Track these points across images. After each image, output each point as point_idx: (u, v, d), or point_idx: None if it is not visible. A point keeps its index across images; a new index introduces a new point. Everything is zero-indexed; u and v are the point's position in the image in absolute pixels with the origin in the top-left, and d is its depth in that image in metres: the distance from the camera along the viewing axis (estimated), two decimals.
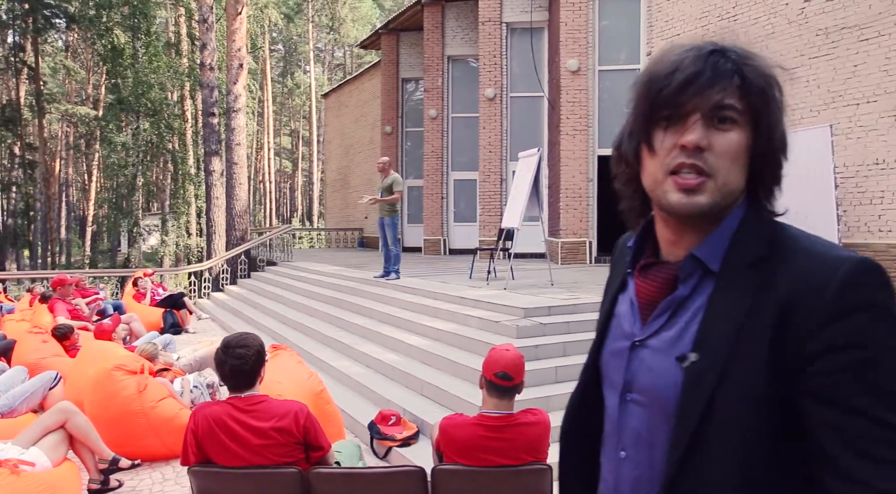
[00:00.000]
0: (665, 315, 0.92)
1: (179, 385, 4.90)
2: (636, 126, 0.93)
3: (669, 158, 0.87)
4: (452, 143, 16.17)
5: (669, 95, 0.86)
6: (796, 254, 0.83)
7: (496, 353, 2.58)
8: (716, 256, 0.88)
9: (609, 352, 1.02)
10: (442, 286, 8.06)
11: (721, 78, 0.84)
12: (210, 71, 15.55)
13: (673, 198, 0.87)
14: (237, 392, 2.58)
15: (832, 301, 0.77)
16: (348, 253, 18.00)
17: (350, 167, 22.98)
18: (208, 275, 13.62)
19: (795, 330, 0.78)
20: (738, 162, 0.86)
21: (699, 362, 0.84)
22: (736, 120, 0.85)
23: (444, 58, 15.93)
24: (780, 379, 0.79)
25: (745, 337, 0.82)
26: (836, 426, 0.75)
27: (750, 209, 0.91)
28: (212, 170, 15.26)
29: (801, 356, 0.78)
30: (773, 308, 0.80)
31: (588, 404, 1.09)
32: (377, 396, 5.51)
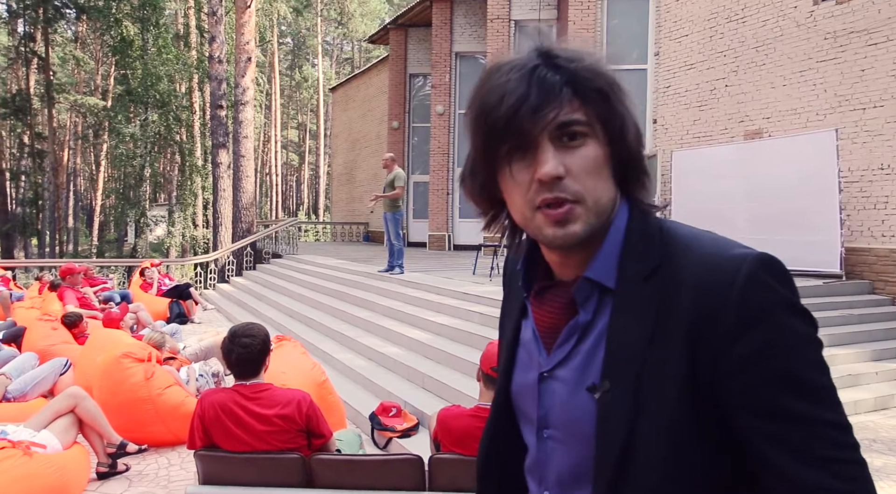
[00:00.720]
0: (569, 342, 0.84)
1: (185, 373, 5.01)
2: (479, 164, 0.83)
3: (531, 194, 0.78)
4: (459, 140, 16.22)
5: (503, 127, 0.76)
6: (691, 261, 0.76)
7: (494, 347, 2.65)
8: (609, 272, 0.81)
9: (519, 385, 0.93)
10: (445, 281, 8.14)
11: (550, 94, 0.76)
12: (219, 63, 15.64)
13: (548, 233, 0.79)
14: (242, 380, 2.67)
15: (736, 312, 0.72)
16: (353, 247, 18.10)
17: (356, 161, 23.07)
18: (214, 267, 13.75)
19: (707, 347, 0.73)
20: (602, 175, 0.79)
21: (611, 391, 0.77)
22: (585, 133, 0.77)
23: (452, 54, 15.98)
24: (702, 399, 0.74)
25: (655, 358, 0.75)
26: (778, 438, 0.71)
27: (632, 211, 0.83)
28: (219, 162, 15.37)
29: (720, 372, 0.73)
30: (679, 325, 0.74)
31: (502, 440, 0.99)
32: (378, 388, 5.61)
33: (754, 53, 10.08)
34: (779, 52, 9.68)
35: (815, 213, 8.40)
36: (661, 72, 11.79)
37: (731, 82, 10.42)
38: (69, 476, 3.54)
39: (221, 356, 6.15)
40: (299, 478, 2.59)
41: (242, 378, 2.68)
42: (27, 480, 3.28)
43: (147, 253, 24.83)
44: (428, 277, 8.63)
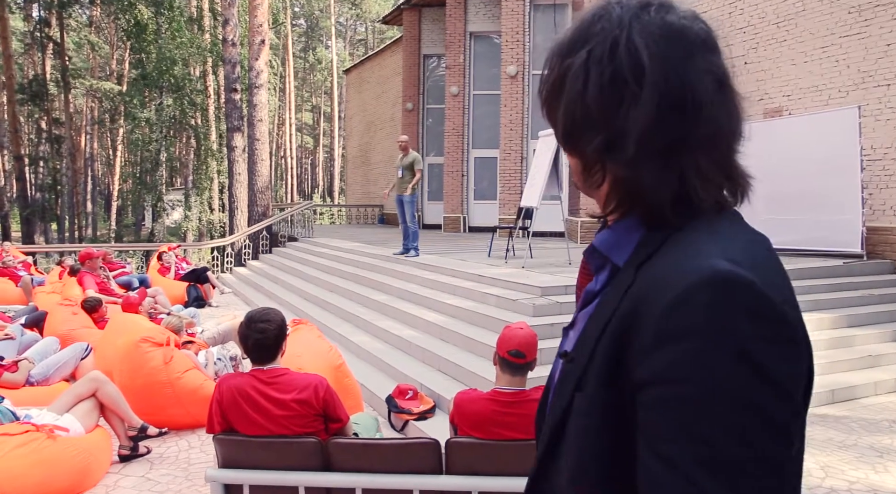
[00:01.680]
0: (578, 308, 0.86)
1: (204, 357, 5.06)
2: None
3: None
4: (473, 121, 16.11)
5: None
6: (664, 259, 0.69)
7: (510, 331, 2.64)
8: (622, 249, 0.77)
9: None
10: (460, 263, 8.13)
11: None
12: (232, 46, 15.61)
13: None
14: (260, 364, 2.69)
15: (656, 323, 0.63)
16: (368, 229, 18.13)
17: (371, 143, 23.02)
18: (231, 250, 13.85)
19: (631, 349, 0.67)
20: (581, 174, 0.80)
21: (571, 363, 0.77)
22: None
23: (467, 34, 15.80)
24: (620, 398, 0.68)
25: (602, 342, 0.71)
26: (648, 468, 0.62)
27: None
28: (234, 146, 15.41)
29: (632, 381, 0.66)
30: (620, 320, 0.70)
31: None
32: (395, 371, 5.63)
33: (775, 29, 9.85)
34: (800, 28, 9.45)
35: (836, 192, 8.25)
36: None
37: (750, 59, 10.21)
38: (92, 458, 3.61)
39: (238, 340, 6.22)
40: (317, 462, 2.61)
41: (259, 363, 2.69)
42: (51, 463, 3.35)
43: (164, 237, 25.07)
44: (443, 260, 8.62)
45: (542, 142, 8.73)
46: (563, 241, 12.22)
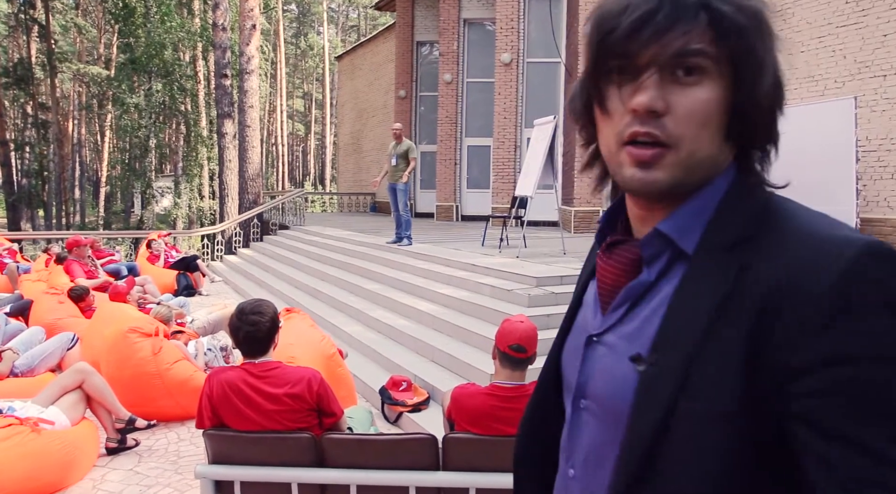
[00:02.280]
0: (625, 305, 0.76)
1: (193, 347, 4.97)
2: (584, 79, 0.75)
3: (622, 125, 0.70)
4: (467, 109, 15.98)
5: (617, 41, 0.68)
6: (786, 235, 0.65)
7: (510, 325, 2.57)
8: (689, 234, 0.71)
9: (568, 349, 0.86)
10: (454, 253, 8.05)
11: (683, 16, 0.66)
12: (222, 31, 15.36)
13: (627, 174, 0.70)
14: (251, 358, 2.60)
15: (827, 300, 0.59)
16: (360, 217, 18.01)
17: (363, 131, 22.83)
18: (221, 238, 13.71)
19: (779, 335, 0.61)
20: (710, 125, 0.68)
21: (656, 365, 0.68)
22: (706, 69, 0.67)
23: (460, 21, 15.62)
24: (758, 397, 0.62)
25: (713, 337, 0.65)
26: (825, 459, 0.58)
27: (738, 177, 0.73)
28: (224, 132, 15.21)
29: (785, 370, 0.61)
30: (750, 304, 0.63)
31: (547, 412, 0.91)
32: (388, 362, 5.56)
33: None
34: (797, 17, 9.38)
35: (831, 183, 8.22)
36: None
37: None
38: (78, 452, 3.52)
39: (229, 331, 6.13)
40: (310, 458, 2.54)
41: (251, 356, 2.61)
42: (35, 457, 3.26)
43: (154, 224, 24.84)
44: (436, 248, 8.54)
45: (537, 130, 8.63)
46: (556, 231, 12.16)
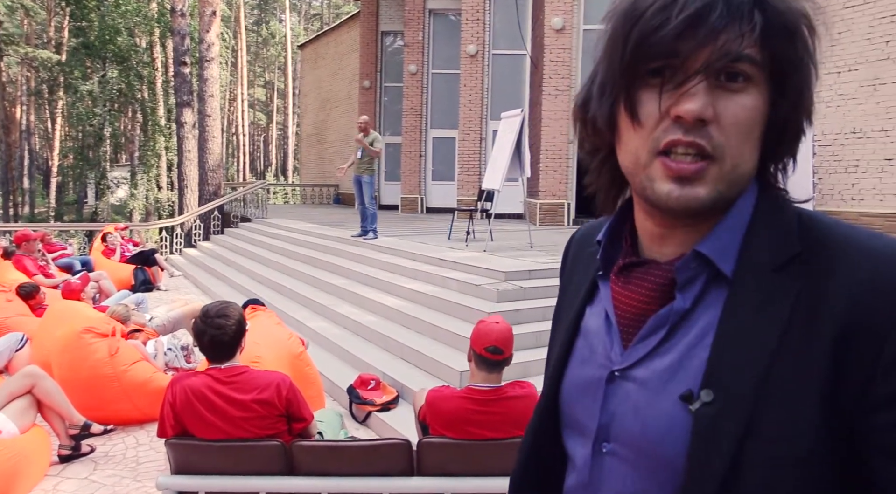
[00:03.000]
0: (657, 335, 0.68)
1: (153, 347, 4.78)
2: (612, 80, 0.66)
3: (659, 132, 0.63)
4: (432, 100, 15.85)
5: (665, 41, 0.60)
6: (846, 254, 0.60)
7: (486, 326, 2.51)
8: (728, 254, 0.65)
9: (574, 384, 0.77)
10: (420, 246, 7.97)
11: (737, 16, 0.60)
12: (181, 17, 14.89)
13: (662, 189, 0.64)
14: (217, 363, 2.48)
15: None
16: (324, 209, 17.75)
17: (327, 121, 22.50)
18: (180, 231, 13.32)
19: (859, 362, 0.57)
20: (753, 136, 0.63)
21: (714, 404, 0.61)
22: (752, 77, 0.61)
23: (426, 11, 15.46)
24: (838, 434, 0.57)
25: (781, 369, 0.59)
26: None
27: (763, 192, 0.68)
28: (184, 121, 14.77)
29: (867, 398, 0.57)
30: (825, 331, 0.58)
31: (544, 451, 0.82)
32: (355, 359, 5.46)
33: None
34: None
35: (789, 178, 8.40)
36: None
37: None
38: (27, 461, 3.33)
39: (191, 328, 5.93)
40: (280, 466, 2.44)
41: (216, 361, 2.49)
42: None
43: (109, 215, 24.05)
44: (402, 242, 8.44)
45: (504, 123, 8.59)
46: (522, 223, 12.18)
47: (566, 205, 12.13)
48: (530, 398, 2.56)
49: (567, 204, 12.16)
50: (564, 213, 12.10)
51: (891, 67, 7.98)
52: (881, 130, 8.01)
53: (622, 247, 0.75)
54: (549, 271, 6.28)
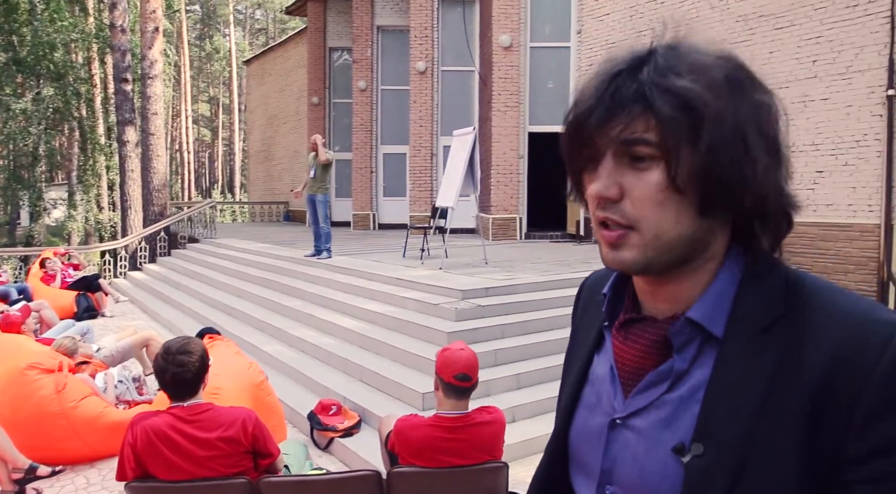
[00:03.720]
0: (655, 389, 0.73)
1: (102, 380, 4.60)
2: (568, 169, 0.78)
3: (593, 209, 0.72)
4: (382, 116, 15.88)
5: (572, 135, 0.73)
6: (827, 316, 0.65)
7: (452, 354, 2.53)
8: (717, 317, 0.70)
9: (582, 429, 0.83)
10: (376, 265, 7.94)
11: (619, 108, 0.67)
12: (122, 33, 14.48)
13: (603, 253, 0.72)
14: (179, 400, 2.42)
15: (881, 391, 0.60)
16: (274, 228, 17.48)
17: (275, 138, 22.21)
18: (124, 253, 12.88)
19: (833, 420, 0.61)
20: (669, 205, 0.67)
21: (705, 456, 0.66)
22: (653, 155, 0.67)
23: (374, 28, 15.52)
24: (817, 484, 0.62)
25: (766, 424, 0.64)
26: None
27: (748, 255, 0.72)
28: (126, 140, 14.32)
29: (841, 456, 0.61)
30: (802, 390, 0.63)
31: (552, 491, 0.89)
32: (314, 383, 5.39)
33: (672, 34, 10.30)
34: (695, 33, 9.93)
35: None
36: (583, 50, 11.88)
37: None
38: None
39: (140, 356, 5.74)
40: None
41: (179, 398, 2.42)
42: None
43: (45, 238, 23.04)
44: (357, 261, 8.40)
45: (457, 140, 8.67)
46: (474, 238, 12.27)
47: (518, 219, 12.30)
48: (498, 423, 2.59)
49: (519, 218, 12.33)
50: (517, 228, 12.26)
51: (818, 85, 8.43)
52: (811, 144, 8.43)
53: (625, 300, 0.80)
54: (506, 288, 6.36)
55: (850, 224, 8.02)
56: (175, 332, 8.07)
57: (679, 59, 0.68)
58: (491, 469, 2.51)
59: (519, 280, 6.66)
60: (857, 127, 7.96)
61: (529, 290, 6.50)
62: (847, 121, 8.04)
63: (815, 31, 8.33)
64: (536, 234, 12.52)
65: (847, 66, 8.03)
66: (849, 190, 8.07)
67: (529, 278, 6.77)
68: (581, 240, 11.77)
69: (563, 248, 10.51)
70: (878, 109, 7.74)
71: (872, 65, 7.78)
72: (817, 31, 8.31)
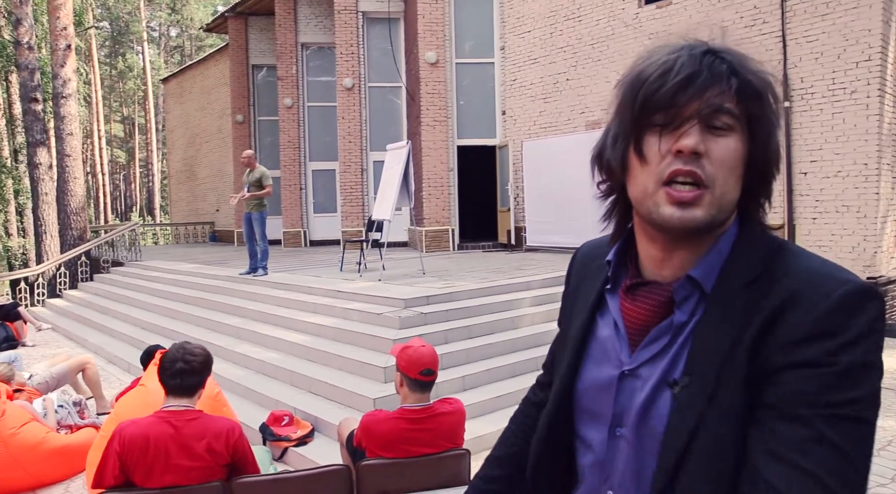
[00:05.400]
0: (659, 342, 0.84)
1: (41, 405, 4.46)
2: (624, 130, 0.84)
3: (663, 165, 0.79)
4: (309, 133, 15.84)
5: (664, 97, 0.78)
6: (794, 272, 0.77)
7: (415, 352, 2.68)
8: (710, 277, 0.81)
9: (591, 380, 0.92)
10: (314, 280, 7.97)
11: (718, 80, 0.78)
12: (29, 51, 13.84)
13: (666, 212, 0.79)
14: (176, 397, 2.46)
15: (818, 321, 0.72)
16: (201, 248, 17.03)
17: (197, 157, 21.66)
18: (42, 280, 12.25)
19: (772, 343, 0.73)
20: (736, 171, 0.79)
21: (690, 386, 0.78)
22: (732, 126, 0.78)
23: (298, 45, 15.51)
24: (754, 395, 0.74)
25: (734, 356, 0.76)
26: (768, 429, 0.72)
27: (744, 225, 0.84)
28: (38, 162, 13.67)
29: (768, 368, 0.73)
30: (758, 320, 0.75)
31: (560, 435, 0.98)
32: (263, 397, 5.39)
33: (590, 50, 10.89)
34: (612, 50, 10.55)
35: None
36: (507, 65, 12.35)
37: (571, 76, 11.19)
38: None
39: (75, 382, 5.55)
40: None
41: (179, 394, 2.46)
42: None
43: None
44: (295, 277, 8.39)
45: (390, 154, 8.84)
46: (409, 251, 12.45)
47: (450, 230, 12.56)
48: (459, 413, 2.76)
49: (451, 230, 12.60)
50: (449, 239, 12.51)
51: None
52: None
53: (628, 267, 0.92)
54: (446, 296, 6.55)
55: None
56: (106, 358, 7.80)
57: (744, 55, 0.81)
58: (455, 456, 2.68)
59: (458, 287, 6.87)
60: None
61: (469, 297, 6.72)
62: None
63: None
64: (469, 245, 12.82)
65: None
66: None
67: (468, 285, 6.99)
68: (512, 248, 12.14)
69: (496, 257, 10.84)
70: None
71: None
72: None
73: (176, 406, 2.44)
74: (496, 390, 5.24)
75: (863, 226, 7.81)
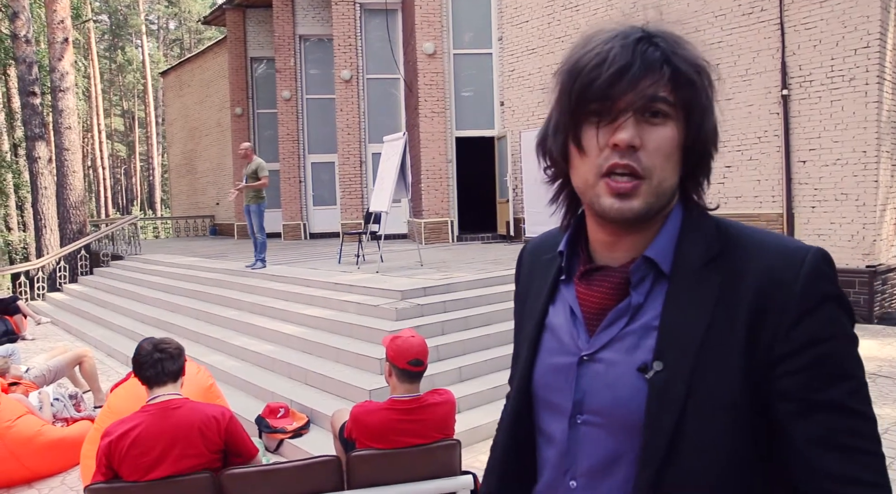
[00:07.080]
0: (617, 324, 0.84)
1: (37, 398, 4.47)
2: (563, 121, 0.84)
3: (601, 158, 0.79)
4: (308, 125, 15.81)
5: (599, 89, 0.78)
6: (752, 249, 0.80)
7: (405, 342, 2.67)
8: (666, 256, 0.83)
9: (546, 371, 0.91)
10: (312, 272, 7.97)
11: (651, 69, 0.78)
12: (26, 44, 13.81)
13: (605, 203, 0.80)
14: (159, 384, 2.46)
15: (801, 297, 0.75)
16: (201, 241, 17.05)
17: (196, 150, 21.64)
18: (41, 274, 12.27)
19: (769, 331, 0.76)
20: (672, 158, 0.80)
21: (664, 371, 0.78)
22: (668, 113, 0.79)
23: (296, 37, 15.46)
24: (753, 383, 0.76)
25: (713, 341, 0.77)
26: (805, 422, 0.74)
27: (687, 206, 0.86)
28: (37, 156, 13.66)
29: (771, 358, 0.76)
30: (743, 309, 0.77)
31: (523, 430, 0.97)
32: (259, 389, 5.39)
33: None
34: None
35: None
36: (505, 56, 12.29)
37: None
38: None
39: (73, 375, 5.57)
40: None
41: (161, 383, 2.46)
42: None
43: None
44: (293, 269, 8.39)
45: (387, 146, 8.81)
46: (407, 243, 12.44)
47: (450, 222, 12.55)
48: (449, 403, 2.76)
49: (451, 221, 12.58)
50: (448, 231, 12.50)
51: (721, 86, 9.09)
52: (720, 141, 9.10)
53: (580, 255, 0.92)
54: (443, 287, 6.55)
55: (757, 214, 8.69)
56: (106, 351, 7.81)
57: (678, 40, 0.81)
58: (445, 447, 2.68)
59: (455, 279, 6.87)
60: (759, 124, 8.64)
61: (466, 288, 6.72)
62: (749, 119, 8.71)
63: (716, 36, 8.97)
64: (468, 236, 12.81)
65: (746, 69, 8.70)
66: (754, 182, 8.74)
67: (465, 277, 6.98)
68: (511, 240, 12.13)
69: (495, 248, 10.82)
70: (775, 108, 8.44)
71: (767, 67, 8.47)
72: (719, 37, 8.96)
73: (163, 396, 2.44)
74: (492, 381, 5.24)
75: (862, 215, 7.77)
